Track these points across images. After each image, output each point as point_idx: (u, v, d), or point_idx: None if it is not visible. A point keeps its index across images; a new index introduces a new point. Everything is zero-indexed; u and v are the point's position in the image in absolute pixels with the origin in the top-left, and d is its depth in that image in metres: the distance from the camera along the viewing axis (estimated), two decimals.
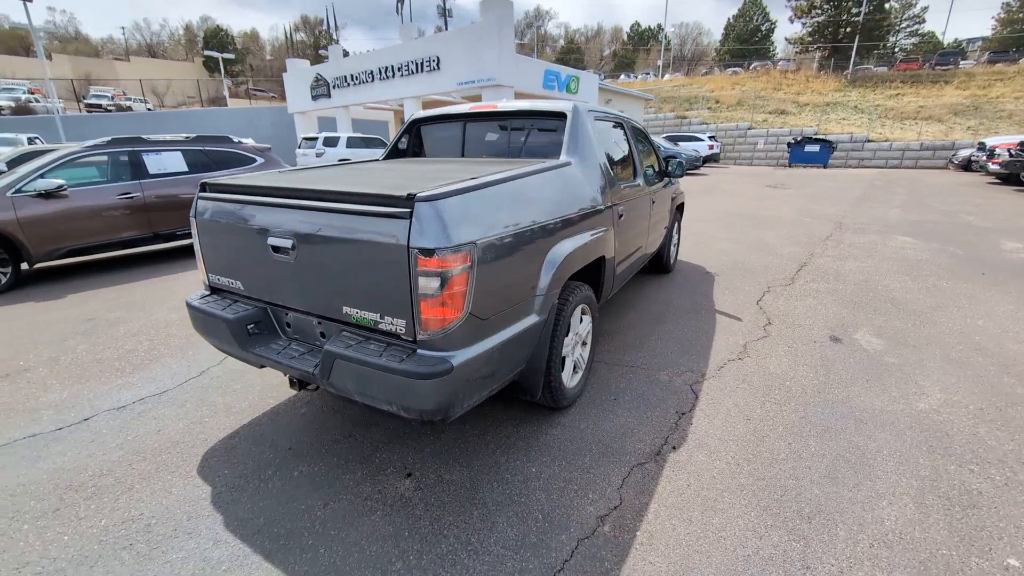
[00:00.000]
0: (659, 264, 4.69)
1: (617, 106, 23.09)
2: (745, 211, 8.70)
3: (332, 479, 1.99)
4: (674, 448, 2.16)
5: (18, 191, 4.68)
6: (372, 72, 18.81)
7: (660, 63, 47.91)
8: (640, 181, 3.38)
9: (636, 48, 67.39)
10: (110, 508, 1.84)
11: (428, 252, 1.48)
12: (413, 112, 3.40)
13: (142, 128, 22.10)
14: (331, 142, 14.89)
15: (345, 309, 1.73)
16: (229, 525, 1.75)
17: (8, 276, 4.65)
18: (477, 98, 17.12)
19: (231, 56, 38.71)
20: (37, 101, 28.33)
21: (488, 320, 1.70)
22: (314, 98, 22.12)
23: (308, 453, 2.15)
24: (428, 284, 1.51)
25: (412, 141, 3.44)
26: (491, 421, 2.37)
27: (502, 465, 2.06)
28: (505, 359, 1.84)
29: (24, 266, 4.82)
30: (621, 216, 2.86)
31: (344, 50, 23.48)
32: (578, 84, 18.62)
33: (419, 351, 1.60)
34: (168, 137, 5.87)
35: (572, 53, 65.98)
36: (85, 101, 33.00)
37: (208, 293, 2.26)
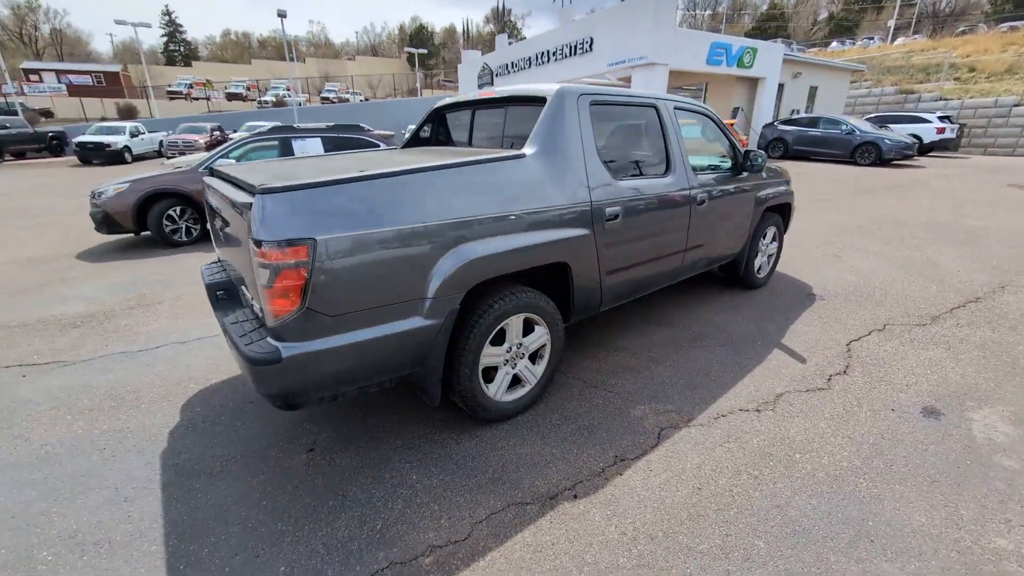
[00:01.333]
0: (734, 275, 3.89)
1: (811, 80, 19.30)
2: (938, 219, 6.51)
3: (255, 436, 2.23)
4: (575, 497, 1.83)
5: (207, 167, 6.20)
6: (529, 58, 19.25)
7: (892, 23, 37.94)
8: (674, 177, 2.82)
9: (862, 7, 54.67)
10: (114, 418, 2.39)
11: (258, 243, 1.52)
12: None
13: (353, 116, 26.58)
14: None
15: (242, 288, 1.90)
16: (164, 454, 2.12)
17: (198, 231, 6.24)
18: (628, 80, 16.19)
19: (424, 51, 43.83)
20: (289, 96, 36.38)
21: (340, 317, 1.67)
22: (479, 87, 23.72)
23: (259, 412, 2.44)
24: (261, 274, 1.56)
25: (436, 129, 3.47)
26: (420, 416, 2.34)
27: (391, 464, 2.03)
28: (373, 358, 1.79)
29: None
30: (617, 217, 2.45)
31: (509, 39, 24.43)
32: (754, 56, 16.07)
33: (267, 337, 1.67)
34: (311, 126, 7.03)
35: (772, 21, 56.94)
36: (320, 95, 41.84)
37: (216, 261, 2.71)
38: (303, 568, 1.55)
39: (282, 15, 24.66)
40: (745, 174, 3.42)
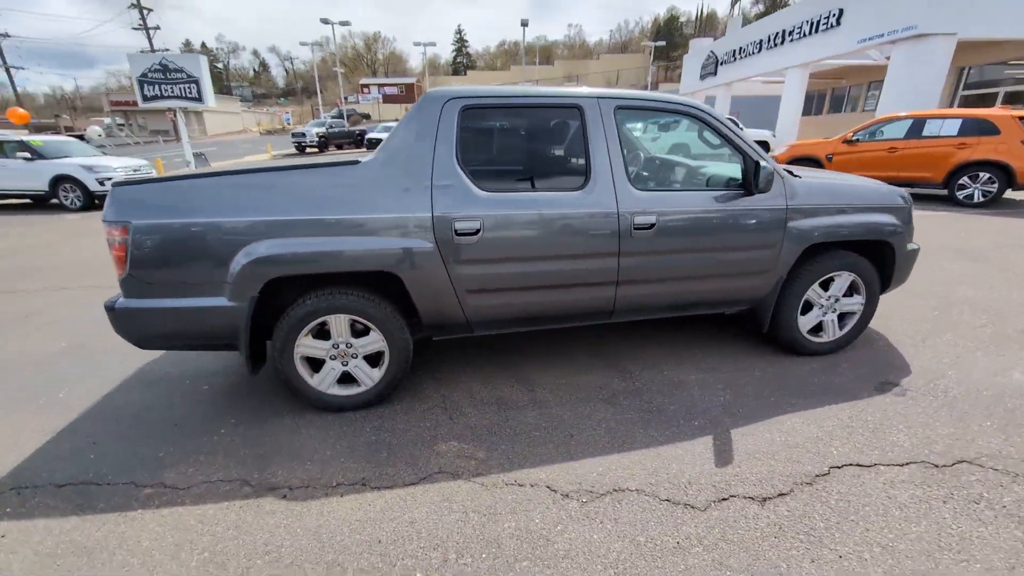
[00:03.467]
0: (758, 330, 2.87)
1: None
2: None
3: (226, 407, 2.95)
4: (284, 497, 1.87)
5: None
6: (760, 41, 16.58)
7: None
8: (593, 193, 2.32)
9: None
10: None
11: (104, 221, 2.09)
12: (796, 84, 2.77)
13: None
14: (665, 127, 14.54)
15: None
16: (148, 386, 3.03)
17: None
18: (873, 70, 12.20)
19: (662, 43, 41.90)
20: None
21: (154, 285, 2.12)
22: (701, 77, 21.64)
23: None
24: (107, 243, 2.13)
25: None
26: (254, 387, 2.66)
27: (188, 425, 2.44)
28: (191, 322, 2.19)
29: None
30: (476, 233, 2.22)
31: (744, 20, 21.26)
32: None
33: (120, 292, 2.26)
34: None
35: None
36: None
37: None
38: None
39: (524, 24, 27.47)
40: (761, 195, 2.47)
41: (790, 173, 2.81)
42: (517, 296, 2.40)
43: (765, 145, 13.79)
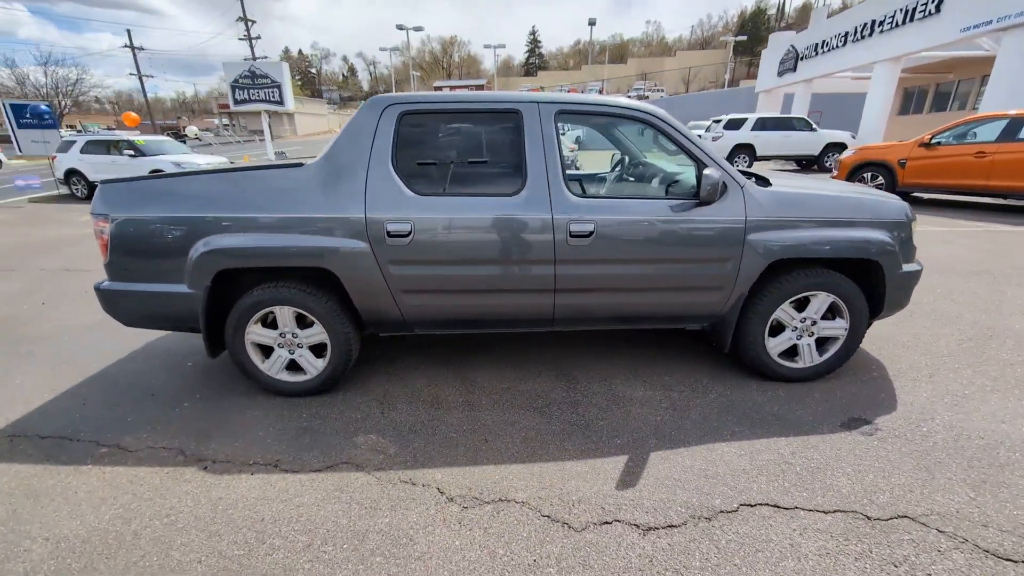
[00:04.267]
0: (720, 350, 2.67)
1: None
2: None
3: (198, 384, 3.29)
4: (208, 469, 2.07)
5: None
6: (845, 34, 15.08)
7: None
8: (528, 198, 2.29)
9: None
10: None
11: (92, 214, 2.42)
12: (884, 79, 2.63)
13: None
14: (735, 124, 13.66)
15: None
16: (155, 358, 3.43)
17: None
18: (985, 61, 10.55)
19: (743, 38, 39.23)
20: (600, 93, 39.81)
21: (130, 271, 2.41)
22: (779, 73, 20.11)
23: None
24: (94, 233, 2.45)
25: None
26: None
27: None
28: (159, 305, 2.46)
29: None
30: (408, 235, 2.28)
31: (829, 11, 19.34)
32: None
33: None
34: None
35: None
36: (627, 94, 44.27)
37: None
38: None
39: (592, 23, 27.07)
40: (717, 204, 2.30)
41: (763, 180, 2.58)
42: (452, 298, 2.44)
43: (842, 147, 12.51)
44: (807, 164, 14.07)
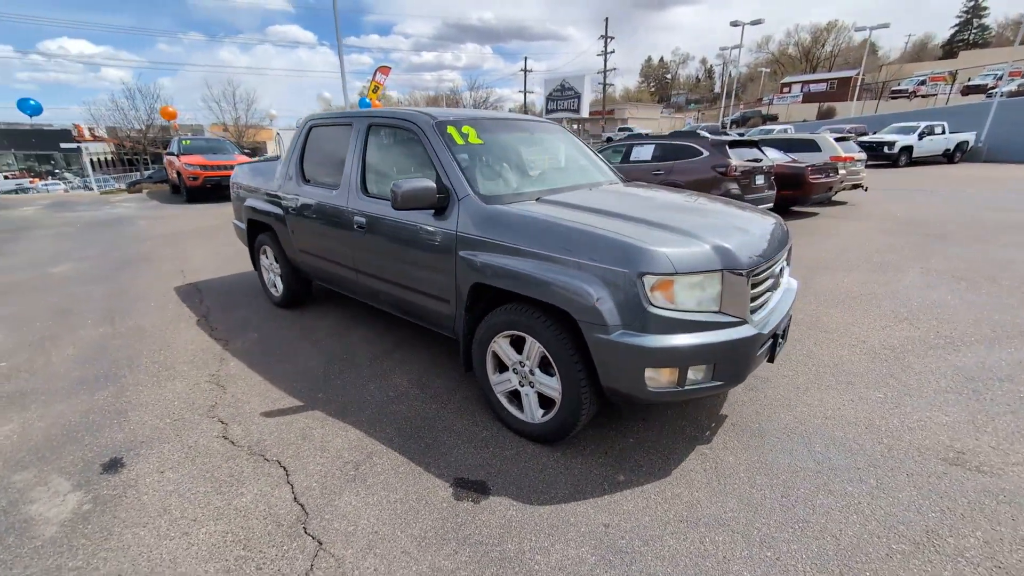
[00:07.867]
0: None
1: None
2: None
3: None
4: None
5: None
6: None
7: None
8: (339, 193, 2.92)
9: None
10: None
11: None
12: None
13: None
14: None
15: None
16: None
17: None
18: None
19: None
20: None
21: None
22: None
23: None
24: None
25: None
26: None
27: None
28: None
29: None
30: (292, 211, 3.33)
31: None
32: None
33: None
34: (653, 133, 7.43)
35: None
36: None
37: None
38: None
39: None
40: (441, 212, 2.30)
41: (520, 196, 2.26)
42: (317, 262, 3.32)
43: None
44: None
